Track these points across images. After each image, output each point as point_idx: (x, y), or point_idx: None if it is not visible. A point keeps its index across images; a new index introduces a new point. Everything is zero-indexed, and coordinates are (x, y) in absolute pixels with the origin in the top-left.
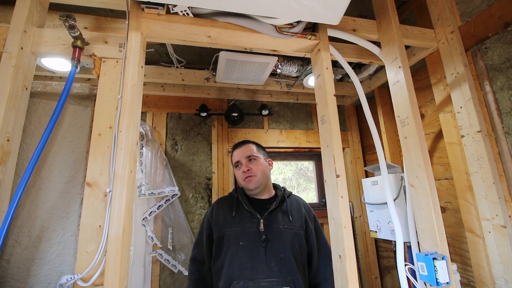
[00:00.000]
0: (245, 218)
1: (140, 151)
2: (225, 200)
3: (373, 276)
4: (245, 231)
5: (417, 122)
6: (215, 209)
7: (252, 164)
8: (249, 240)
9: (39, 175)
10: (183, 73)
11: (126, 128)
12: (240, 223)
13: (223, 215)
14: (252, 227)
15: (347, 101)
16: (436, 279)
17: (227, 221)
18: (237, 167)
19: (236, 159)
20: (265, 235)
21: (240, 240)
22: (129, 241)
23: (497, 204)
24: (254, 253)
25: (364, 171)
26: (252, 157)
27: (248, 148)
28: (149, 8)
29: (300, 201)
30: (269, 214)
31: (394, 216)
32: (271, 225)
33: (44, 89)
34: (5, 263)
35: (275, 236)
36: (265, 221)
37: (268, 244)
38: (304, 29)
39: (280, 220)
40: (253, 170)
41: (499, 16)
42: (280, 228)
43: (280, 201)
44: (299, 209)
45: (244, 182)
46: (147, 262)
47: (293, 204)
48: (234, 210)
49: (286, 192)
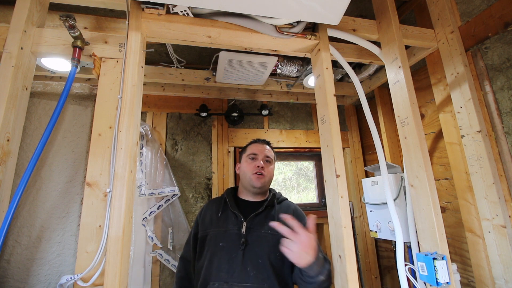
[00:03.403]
0: (229, 220)
1: (140, 151)
2: (216, 200)
3: (373, 276)
4: (227, 232)
5: (417, 122)
6: (204, 209)
7: (266, 165)
8: (229, 241)
9: (39, 175)
10: (183, 73)
11: (126, 128)
12: (223, 224)
13: (209, 215)
14: (234, 228)
15: (347, 101)
16: (436, 279)
17: (212, 222)
18: (251, 159)
19: (254, 151)
20: (245, 238)
21: (220, 241)
22: (129, 241)
23: (497, 204)
24: (232, 255)
25: (364, 171)
26: (269, 159)
27: (269, 150)
28: (149, 8)
29: (291, 208)
30: (254, 217)
31: (394, 216)
32: (253, 229)
33: (44, 89)
34: (5, 263)
35: (256, 240)
36: (248, 224)
37: (247, 247)
38: (304, 29)
39: (264, 224)
40: (266, 171)
41: (499, 16)
42: (262, 232)
43: (269, 206)
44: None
45: (252, 176)
46: (147, 262)
47: (282, 210)
48: (221, 211)
49: (278, 197)
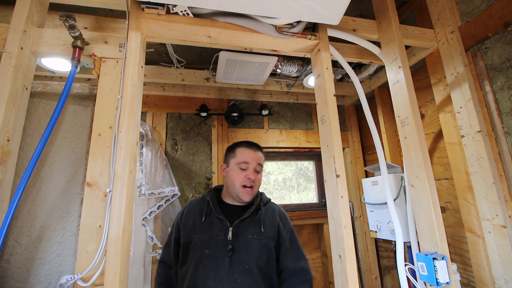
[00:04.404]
0: (213, 225)
1: (140, 151)
2: (197, 203)
3: (373, 276)
4: (212, 239)
5: (417, 122)
6: (185, 212)
7: (257, 176)
8: (215, 248)
9: (39, 175)
10: (183, 73)
11: (126, 128)
12: (208, 230)
13: (192, 220)
14: (219, 234)
15: (347, 101)
16: (436, 279)
17: (196, 227)
18: (242, 169)
19: (245, 159)
20: (232, 245)
21: (206, 248)
22: (129, 241)
23: (497, 204)
24: (218, 262)
25: (364, 171)
26: (260, 168)
27: (261, 157)
28: (149, 8)
29: (276, 210)
30: (239, 222)
31: (394, 216)
32: (240, 234)
33: (44, 89)
34: (5, 263)
35: (242, 246)
36: (234, 230)
37: (234, 254)
38: (304, 29)
39: (250, 229)
40: (256, 183)
41: (499, 16)
42: (249, 238)
43: (255, 210)
44: (273, 219)
45: (241, 189)
46: (147, 262)
47: (267, 213)
48: (204, 216)
49: (263, 199)
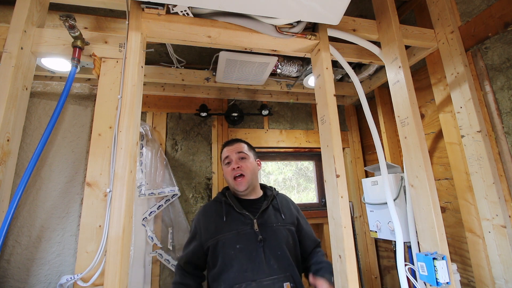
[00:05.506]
0: (237, 221)
1: (140, 151)
2: (212, 206)
3: (373, 276)
4: (240, 234)
5: (417, 122)
6: (202, 218)
7: (242, 162)
8: (246, 242)
9: (39, 175)
10: (183, 73)
11: (126, 128)
12: (233, 227)
13: (213, 222)
14: (246, 228)
15: (347, 101)
16: (436, 279)
17: (219, 227)
18: (226, 164)
19: (225, 154)
20: (261, 235)
21: (236, 244)
22: (129, 241)
23: (497, 204)
24: (252, 254)
25: (364, 171)
26: (243, 154)
27: (239, 145)
28: (149, 8)
29: (288, 199)
30: (261, 213)
31: (394, 216)
32: (265, 224)
33: (44, 89)
34: (5, 263)
35: (271, 234)
36: (258, 221)
37: (265, 243)
38: (304, 29)
39: (273, 218)
40: (243, 168)
41: (499, 16)
42: (274, 226)
43: (271, 200)
44: (289, 207)
45: (234, 182)
46: (147, 262)
47: (283, 202)
48: (225, 215)
49: (275, 191)
